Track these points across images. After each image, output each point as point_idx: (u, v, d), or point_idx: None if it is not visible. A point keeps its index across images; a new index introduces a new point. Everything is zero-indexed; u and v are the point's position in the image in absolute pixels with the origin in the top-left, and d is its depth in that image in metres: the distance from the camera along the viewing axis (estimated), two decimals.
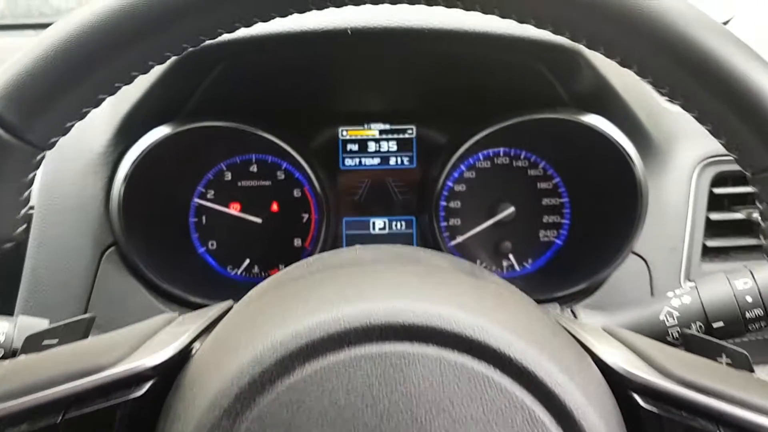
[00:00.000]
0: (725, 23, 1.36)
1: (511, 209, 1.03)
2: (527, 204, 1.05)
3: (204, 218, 1.05)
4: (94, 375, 0.42)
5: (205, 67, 0.78)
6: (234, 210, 1.04)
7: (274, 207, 1.06)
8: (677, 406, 0.42)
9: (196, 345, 0.47)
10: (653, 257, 0.91)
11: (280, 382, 0.38)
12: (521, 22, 0.43)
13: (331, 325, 0.39)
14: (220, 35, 0.42)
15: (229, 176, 1.05)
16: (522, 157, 1.05)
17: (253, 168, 1.05)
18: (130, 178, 0.83)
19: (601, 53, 0.43)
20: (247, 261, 1.05)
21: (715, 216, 0.94)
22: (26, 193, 0.44)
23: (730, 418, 0.41)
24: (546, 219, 1.06)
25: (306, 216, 1.06)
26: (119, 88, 0.44)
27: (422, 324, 0.39)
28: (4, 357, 0.60)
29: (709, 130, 0.45)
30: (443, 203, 1.05)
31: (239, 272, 1.05)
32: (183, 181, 1.01)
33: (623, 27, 0.42)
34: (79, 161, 0.85)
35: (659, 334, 0.63)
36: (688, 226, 0.93)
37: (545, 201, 1.05)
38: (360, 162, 1.07)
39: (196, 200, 1.04)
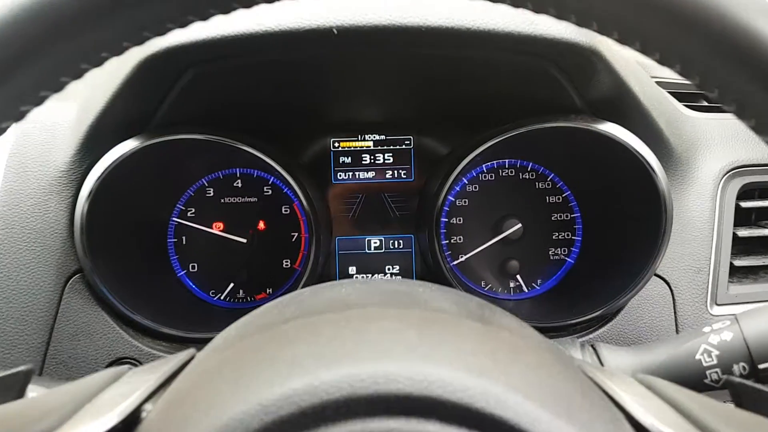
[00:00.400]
0: None
1: (518, 225, 0.96)
2: (535, 220, 0.97)
3: (184, 239, 0.97)
4: None
5: (171, 74, 0.69)
6: (217, 229, 0.96)
7: (261, 225, 0.98)
8: None
9: (148, 407, 0.39)
10: (676, 279, 0.82)
11: None
12: (538, 12, 0.35)
13: (304, 397, 0.31)
14: (148, 38, 0.34)
15: (211, 192, 0.97)
16: (529, 168, 0.98)
17: (238, 183, 0.97)
18: (96, 196, 0.75)
19: (636, 48, 0.35)
20: (231, 285, 0.97)
21: (743, 232, 0.86)
22: None
23: None
24: (556, 236, 0.98)
25: (295, 235, 0.98)
26: (46, 97, 0.36)
27: (421, 394, 0.31)
28: None
29: (751, 127, 0.37)
30: (444, 219, 0.97)
31: (222, 297, 0.97)
32: (159, 198, 0.93)
33: (665, 15, 0.34)
34: (41, 180, 0.77)
35: (696, 376, 0.55)
36: (713, 244, 0.85)
37: (555, 216, 0.98)
38: (353, 175, 1.00)
39: (175, 219, 0.96)
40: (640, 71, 0.84)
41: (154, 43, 0.64)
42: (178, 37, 0.63)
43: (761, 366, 0.54)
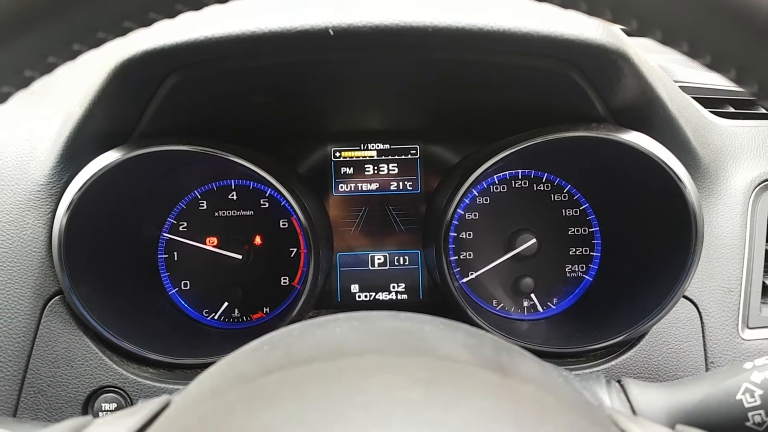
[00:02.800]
0: None
1: (533, 241, 0.90)
2: (551, 234, 0.92)
3: (175, 255, 0.92)
4: None
5: (151, 80, 0.64)
6: (210, 245, 0.92)
7: (258, 240, 0.93)
8: None
9: None
10: (705, 301, 0.77)
11: None
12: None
13: None
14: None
15: (204, 205, 0.92)
16: (544, 180, 0.93)
17: (233, 196, 0.93)
18: (75, 210, 0.70)
19: (683, 51, 0.30)
20: (226, 304, 0.92)
21: None
22: None
23: None
24: (573, 251, 0.93)
25: (294, 250, 0.93)
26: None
27: None
28: None
29: None
30: (453, 234, 0.93)
31: (216, 317, 0.92)
32: (148, 212, 0.88)
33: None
34: (18, 195, 0.72)
35: (738, 419, 0.49)
36: (744, 262, 0.79)
37: (572, 230, 0.93)
38: (356, 187, 0.96)
39: (166, 234, 0.91)
40: (664, 76, 0.79)
41: (131, 47, 0.59)
42: (156, 40, 0.58)
43: None
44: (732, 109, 0.92)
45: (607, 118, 0.73)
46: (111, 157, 0.70)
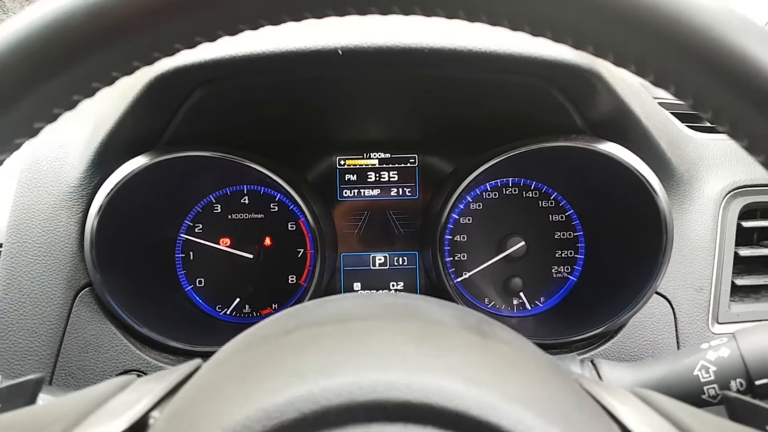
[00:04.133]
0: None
1: (522, 243, 0.97)
2: (539, 238, 0.98)
3: (191, 254, 0.98)
4: None
5: (180, 93, 0.71)
6: (223, 245, 0.98)
7: (267, 241, 0.99)
8: None
9: (155, 414, 0.40)
10: (678, 297, 0.83)
11: None
12: (536, 35, 0.36)
13: (305, 404, 0.32)
14: (175, 52, 0.36)
15: (218, 209, 0.99)
16: (533, 187, 0.99)
17: (245, 200, 0.99)
18: (105, 211, 0.77)
19: (631, 71, 0.37)
20: (237, 300, 0.98)
21: (745, 252, 0.87)
22: None
23: None
24: (559, 254, 0.99)
25: (301, 251, 0.99)
26: (78, 101, 0.38)
27: (419, 402, 0.32)
28: None
29: (744, 147, 0.38)
30: (448, 237, 0.99)
31: (228, 312, 0.98)
32: (167, 214, 0.94)
33: (657, 37, 0.35)
34: (52, 195, 0.79)
35: (693, 391, 0.56)
36: (715, 263, 0.85)
37: (558, 235, 0.99)
38: (359, 193, 1.01)
39: (183, 235, 0.98)
40: (642, 92, 0.86)
41: (164, 64, 0.66)
42: (187, 57, 0.65)
43: (758, 382, 0.54)
44: (707, 124, 0.99)
45: (585, 130, 0.80)
46: (139, 162, 0.76)
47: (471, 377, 0.33)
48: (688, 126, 0.95)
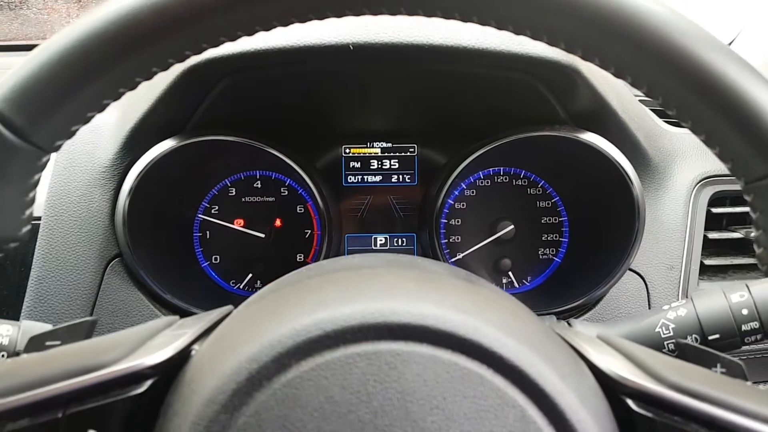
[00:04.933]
0: (730, 43, 1.38)
1: (511, 227, 1.04)
2: (527, 222, 1.06)
3: (208, 233, 1.05)
4: (94, 372, 0.43)
5: (208, 83, 0.79)
6: (237, 225, 1.05)
7: (278, 223, 1.06)
8: (670, 411, 0.42)
9: (195, 347, 0.47)
10: (651, 275, 0.91)
11: (276, 379, 0.38)
12: (517, 33, 0.44)
13: (327, 324, 0.39)
14: (220, 44, 0.43)
15: (233, 192, 1.06)
16: (522, 175, 1.06)
17: (258, 184, 1.06)
18: (135, 192, 0.85)
19: (596, 64, 0.44)
20: (250, 275, 1.06)
21: (713, 235, 0.95)
22: (31, 194, 0.45)
23: (723, 423, 0.41)
24: (545, 237, 1.06)
25: (309, 232, 1.07)
26: (123, 93, 0.45)
27: (416, 324, 0.39)
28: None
29: (702, 140, 0.45)
30: (444, 220, 1.06)
31: (242, 286, 1.06)
32: (188, 196, 1.02)
33: (617, 37, 0.42)
34: (87, 174, 0.86)
35: (655, 346, 0.63)
36: (686, 244, 0.93)
37: (545, 219, 1.06)
38: (362, 179, 1.09)
39: (200, 215, 1.05)
40: (622, 89, 0.93)
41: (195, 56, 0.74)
42: (216, 50, 0.73)
43: (710, 337, 0.62)
44: None
45: (568, 121, 0.88)
46: (168, 144, 0.84)
47: (458, 307, 0.41)
48: (665, 121, 1.02)
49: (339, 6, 0.43)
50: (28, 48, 1.54)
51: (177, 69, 0.76)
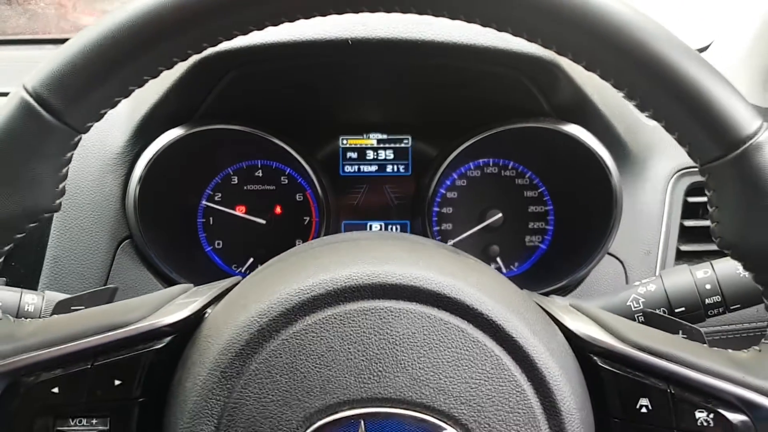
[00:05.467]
0: (705, 48, 1.43)
1: (499, 215, 1.09)
2: (514, 211, 1.10)
3: (211, 219, 1.10)
4: (119, 330, 0.48)
5: (216, 75, 0.85)
6: (240, 212, 1.10)
7: (278, 210, 1.11)
8: (632, 367, 0.48)
9: (209, 310, 0.52)
10: (629, 259, 0.96)
11: (284, 331, 0.44)
12: (500, 29, 0.49)
13: (329, 284, 0.44)
14: (233, 37, 0.48)
15: (235, 180, 1.10)
16: (510, 167, 1.11)
17: (259, 173, 1.11)
18: (145, 178, 0.90)
19: (569, 59, 0.49)
20: (251, 260, 1.10)
21: (689, 223, 1.00)
22: (64, 170, 0.50)
23: (680, 378, 0.47)
24: (532, 225, 1.11)
25: (307, 219, 1.11)
26: (147, 80, 0.50)
27: (406, 284, 0.44)
28: None
29: (663, 126, 0.50)
30: (436, 209, 1.11)
31: (243, 270, 1.10)
32: (193, 183, 1.07)
33: (588, 35, 0.47)
34: (99, 160, 0.91)
35: (626, 317, 0.68)
36: (662, 231, 0.98)
37: (531, 208, 1.11)
38: (359, 169, 1.13)
39: (204, 202, 1.10)
40: (604, 85, 0.98)
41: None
42: (224, 44, 0.78)
43: (677, 310, 0.68)
44: None
45: (551, 113, 0.93)
46: (177, 132, 0.89)
47: (443, 271, 0.46)
48: (647, 116, 1.07)
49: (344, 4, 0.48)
50: (36, 42, 1.59)
51: (187, 62, 0.81)
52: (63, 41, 0.48)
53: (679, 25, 1.53)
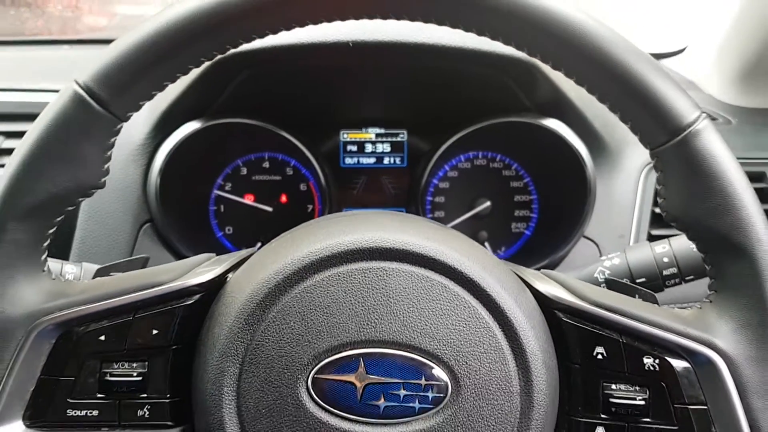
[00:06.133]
0: (681, 51, 1.51)
1: (488, 204, 1.17)
2: (501, 199, 1.17)
3: (222, 207, 1.17)
4: (156, 288, 0.56)
5: (231, 74, 0.93)
6: (248, 200, 1.17)
7: (283, 198, 1.18)
8: (590, 321, 0.56)
9: (230, 275, 0.60)
10: (604, 242, 1.04)
11: (296, 286, 0.52)
12: (480, 34, 0.57)
13: (333, 248, 0.53)
14: (251, 41, 0.56)
15: (244, 171, 1.18)
16: (497, 159, 1.19)
17: (266, 164, 1.18)
18: (165, 169, 0.98)
19: (539, 60, 0.57)
20: (259, 245, 1.18)
21: (659, 210, 1.08)
22: (108, 153, 0.58)
23: (630, 330, 0.55)
24: (517, 213, 1.19)
25: (311, 207, 1.19)
26: (179, 77, 0.58)
27: (398, 248, 0.53)
28: None
29: (619, 117, 0.58)
30: (429, 198, 1.18)
31: None
32: (206, 173, 1.14)
33: (554, 41, 0.55)
34: (122, 150, 0.99)
35: None
36: (635, 217, 1.06)
37: (517, 197, 1.18)
38: (358, 161, 1.20)
39: (216, 191, 1.17)
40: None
41: None
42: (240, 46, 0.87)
43: (638, 280, 0.76)
44: None
45: (533, 109, 1.01)
46: (194, 125, 0.97)
47: (430, 238, 0.54)
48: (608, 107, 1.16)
49: (355, 10, 0.56)
50: (53, 42, 1.66)
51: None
52: (79, 42, 0.56)
53: (657, 31, 1.61)
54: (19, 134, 0.68)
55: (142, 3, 2.22)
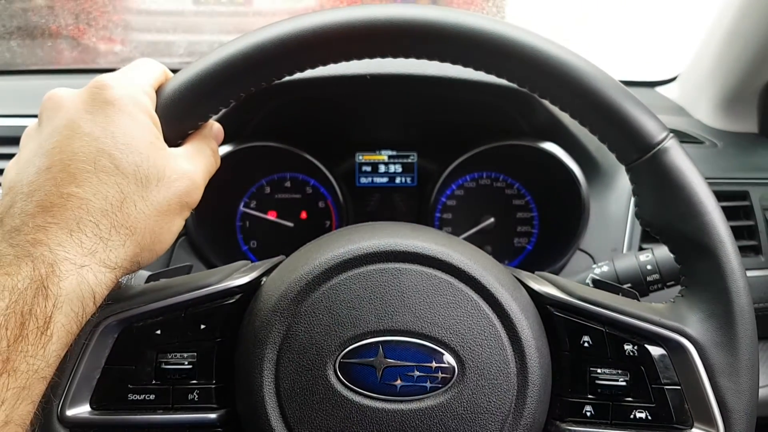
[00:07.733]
0: (673, 79, 1.59)
1: (492, 220, 1.23)
2: (504, 216, 1.24)
3: (247, 223, 1.25)
4: (203, 289, 0.64)
5: (263, 103, 1.02)
6: (271, 216, 1.25)
7: (303, 215, 1.25)
8: (578, 314, 0.63)
9: (264, 278, 0.68)
10: (598, 254, 1.11)
11: (324, 285, 0.59)
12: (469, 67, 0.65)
13: (355, 252, 0.60)
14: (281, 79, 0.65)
15: (268, 190, 1.25)
16: (500, 179, 1.26)
17: (288, 183, 1.25)
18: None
19: (527, 90, 0.65)
20: (282, 257, 1.26)
21: None
22: None
23: (612, 321, 0.62)
24: (519, 229, 1.25)
25: (328, 222, 1.26)
26: (221, 110, 0.67)
27: (411, 251, 0.60)
28: None
29: (599, 138, 0.66)
30: (437, 214, 1.25)
31: None
32: (234, 192, 1.23)
33: (540, 74, 0.63)
34: None
35: None
36: (627, 232, 1.13)
37: (519, 214, 1.25)
38: (372, 180, 1.27)
39: (242, 208, 1.26)
40: None
41: None
42: None
43: (624, 286, 0.82)
44: None
45: (531, 133, 1.09)
46: (226, 148, 1.06)
47: (438, 243, 0.62)
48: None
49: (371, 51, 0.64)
50: (85, 72, 1.75)
51: None
52: (111, 71, 0.64)
53: (652, 60, 1.70)
54: None
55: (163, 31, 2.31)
